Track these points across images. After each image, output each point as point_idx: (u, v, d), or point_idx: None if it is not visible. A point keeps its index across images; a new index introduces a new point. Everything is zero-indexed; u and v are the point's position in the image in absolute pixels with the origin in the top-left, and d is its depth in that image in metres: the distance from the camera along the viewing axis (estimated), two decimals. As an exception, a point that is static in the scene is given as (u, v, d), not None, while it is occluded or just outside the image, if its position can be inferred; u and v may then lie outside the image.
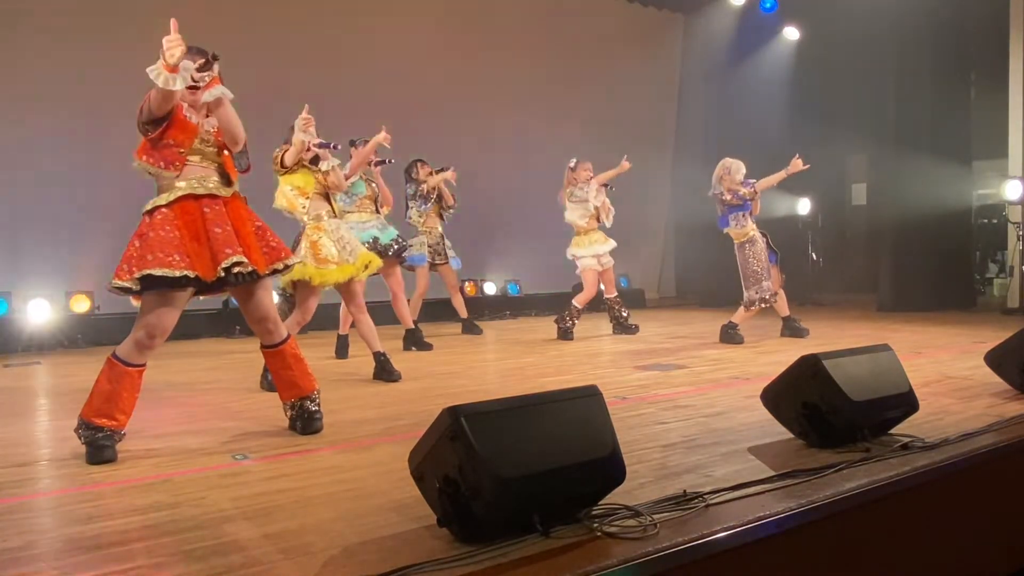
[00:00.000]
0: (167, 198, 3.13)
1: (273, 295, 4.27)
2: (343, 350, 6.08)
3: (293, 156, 4.58)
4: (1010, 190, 8.37)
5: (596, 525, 2.09)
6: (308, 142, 4.47)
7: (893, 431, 3.07)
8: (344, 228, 4.98)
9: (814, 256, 10.61)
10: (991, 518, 2.93)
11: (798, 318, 6.70)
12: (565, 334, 6.93)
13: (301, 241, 4.72)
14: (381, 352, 4.96)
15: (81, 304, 7.25)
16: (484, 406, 2.07)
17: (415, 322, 6.60)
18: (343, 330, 6.08)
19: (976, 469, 2.81)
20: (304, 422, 3.44)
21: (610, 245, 7.08)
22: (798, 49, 10.75)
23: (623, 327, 7.21)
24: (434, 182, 7.05)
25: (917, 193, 8.53)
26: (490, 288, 9.77)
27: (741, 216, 6.32)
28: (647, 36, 11.09)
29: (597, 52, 10.41)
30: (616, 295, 7.34)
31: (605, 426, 2.23)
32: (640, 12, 11.09)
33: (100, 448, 3.03)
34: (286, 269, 3.43)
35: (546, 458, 2.05)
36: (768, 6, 10.19)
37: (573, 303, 7.01)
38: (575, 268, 7.19)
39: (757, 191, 6.35)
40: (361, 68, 8.68)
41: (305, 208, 4.77)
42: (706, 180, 6.57)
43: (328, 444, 3.27)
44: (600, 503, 2.20)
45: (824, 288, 10.52)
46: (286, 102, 7.23)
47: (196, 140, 3.18)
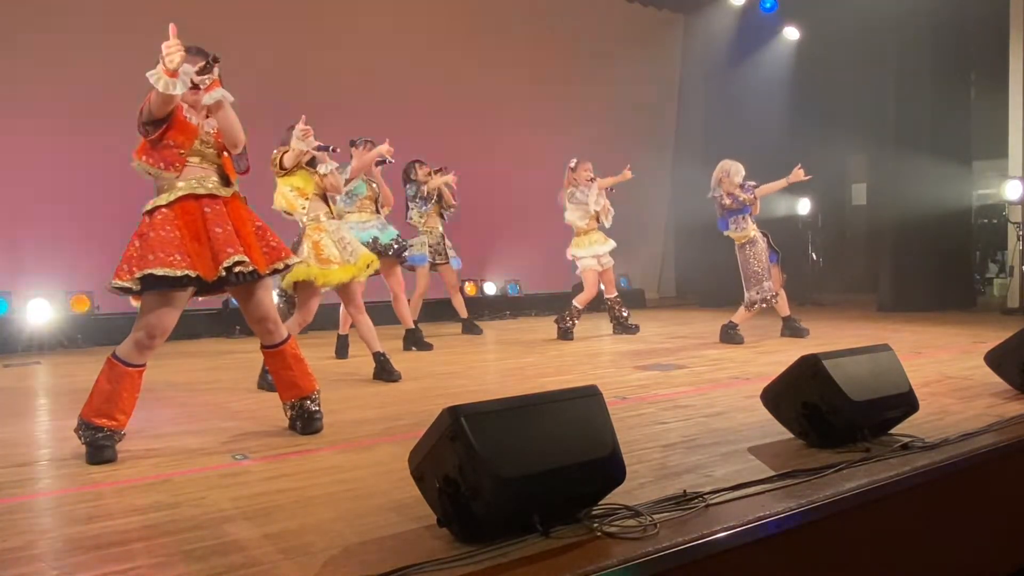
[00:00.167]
0: (167, 198, 3.12)
1: (273, 295, 4.27)
2: (343, 350, 6.09)
3: (292, 159, 4.59)
4: (1010, 190, 8.38)
5: (596, 525, 2.09)
6: (307, 149, 4.49)
7: (893, 431, 3.07)
8: (345, 228, 5.01)
9: (814, 256, 10.61)
10: (991, 518, 2.93)
11: (798, 318, 6.70)
12: (565, 334, 6.93)
13: (303, 242, 4.72)
14: (381, 352, 4.96)
15: (81, 304, 7.25)
16: (484, 406, 2.07)
17: (415, 322, 6.60)
18: (343, 330, 6.08)
19: (976, 469, 2.81)
20: (304, 422, 3.44)
21: (610, 245, 7.08)
22: (798, 49, 10.74)
23: (623, 327, 7.21)
24: (435, 184, 7.05)
25: (917, 193, 8.52)
26: (490, 288, 9.76)
27: (741, 219, 6.32)
28: (647, 36, 11.08)
29: (597, 52, 10.40)
30: (616, 295, 7.34)
31: (605, 426, 2.23)
32: (640, 12, 11.08)
33: (100, 448, 3.03)
34: (286, 269, 3.43)
35: (546, 458, 2.05)
36: (768, 6, 10.19)
37: (574, 303, 7.01)
38: (575, 268, 7.19)
39: (757, 197, 6.35)
40: (361, 68, 8.68)
41: (305, 209, 4.78)
42: (706, 180, 6.56)
43: (328, 444, 3.27)
44: (600, 503, 2.20)
45: (824, 288, 10.52)
46: (286, 103, 7.26)
47: (196, 141, 3.18)
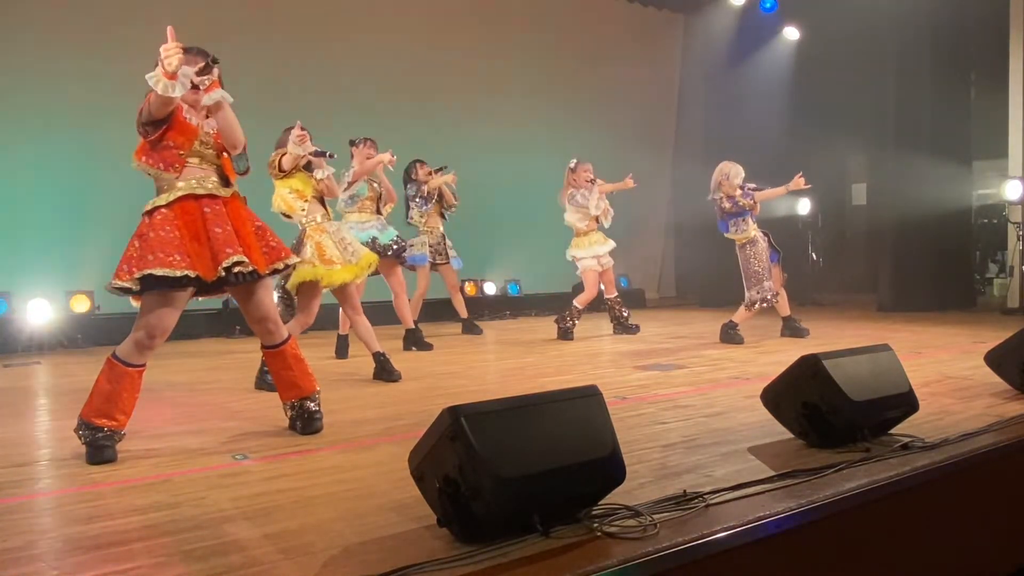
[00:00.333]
0: (167, 198, 3.12)
1: (273, 296, 4.27)
2: (343, 350, 6.09)
3: (290, 162, 4.62)
4: (1010, 190, 8.38)
5: (596, 525, 2.09)
6: (304, 154, 4.53)
7: (893, 431, 3.07)
8: (345, 229, 5.04)
9: (814, 256, 10.61)
10: (991, 518, 2.93)
11: (798, 318, 6.70)
12: (565, 334, 6.93)
13: (305, 243, 4.73)
14: (381, 352, 4.97)
15: (81, 304, 7.25)
16: (484, 406, 2.07)
17: (415, 322, 6.60)
18: (343, 330, 6.08)
19: (976, 469, 2.81)
20: (304, 422, 3.44)
21: (609, 246, 7.08)
22: (798, 49, 10.74)
23: (624, 327, 7.21)
24: (435, 184, 7.05)
25: (917, 193, 8.52)
26: (490, 288, 9.76)
27: (741, 221, 6.32)
28: (647, 36, 11.09)
29: (597, 52, 10.41)
30: (616, 295, 7.34)
31: (605, 426, 2.23)
32: (640, 12, 11.09)
33: (100, 448, 3.03)
34: (286, 269, 3.44)
35: (546, 458, 2.05)
36: (768, 6, 10.18)
37: (574, 304, 7.01)
38: (575, 268, 7.19)
39: (757, 201, 6.35)
40: (361, 69, 8.68)
41: (304, 211, 4.79)
42: (706, 180, 6.56)
43: (328, 444, 3.27)
44: (600, 503, 2.20)
45: (824, 288, 10.51)
46: (286, 103, 7.30)
47: (195, 142, 3.18)
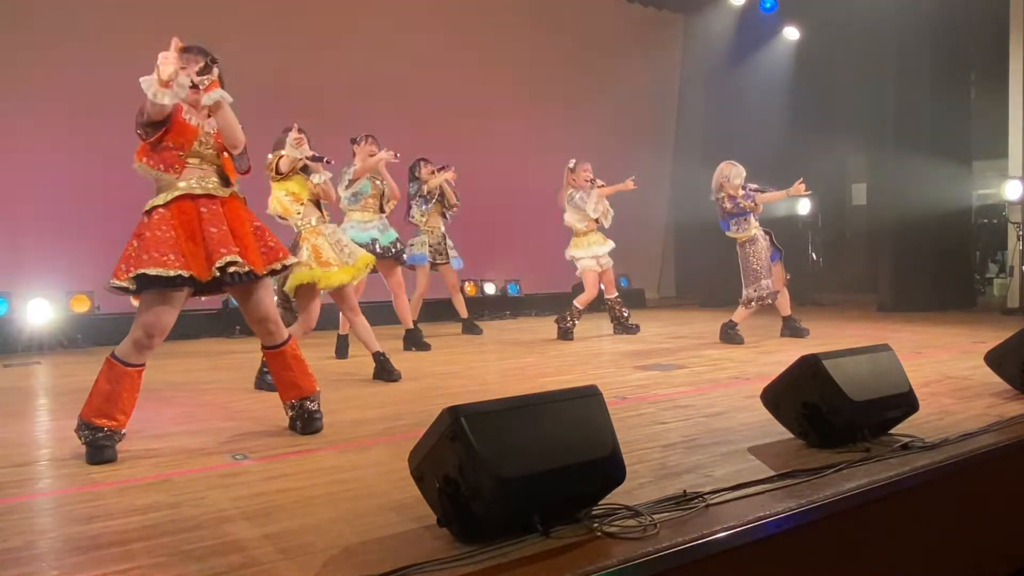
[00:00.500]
0: (164, 198, 3.13)
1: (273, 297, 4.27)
2: (343, 350, 6.09)
3: (288, 165, 4.63)
4: (1010, 190, 8.38)
5: (596, 525, 2.09)
6: (301, 157, 4.55)
7: (893, 431, 3.07)
8: (340, 232, 5.06)
9: (814, 256, 10.61)
10: (991, 518, 2.93)
11: (798, 318, 6.70)
12: (565, 334, 6.93)
13: (302, 246, 4.74)
14: (380, 352, 4.97)
15: (81, 304, 7.25)
16: (484, 406, 2.07)
17: (415, 322, 6.60)
18: (343, 330, 6.08)
19: (976, 469, 2.81)
20: (304, 422, 3.44)
21: (609, 246, 7.08)
22: (798, 49, 10.74)
23: (624, 327, 7.21)
24: (435, 183, 7.05)
25: (917, 193, 8.53)
26: (490, 288, 9.76)
27: (743, 220, 6.33)
28: (647, 36, 11.09)
29: (597, 52, 10.40)
30: (616, 295, 7.34)
31: (605, 426, 2.23)
32: (640, 12, 11.09)
33: (100, 448, 3.03)
34: (284, 269, 3.44)
35: (546, 458, 2.05)
36: (768, 6, 10.18)
37: (574, 304, 7.01)
38: (575, 268, 7.19)
39: (758, 203, 6.35)
40: (362, 68, 8.68)
41: (300, 214, 4.80)
42: (706, 180, 6.57)
43: (328, 444, 3.27)
44: (600, 503, 2.20)
45: (824, 288, 10.51)
46: (286, 103, 7.29)
47: (195, 143, 3.19)
